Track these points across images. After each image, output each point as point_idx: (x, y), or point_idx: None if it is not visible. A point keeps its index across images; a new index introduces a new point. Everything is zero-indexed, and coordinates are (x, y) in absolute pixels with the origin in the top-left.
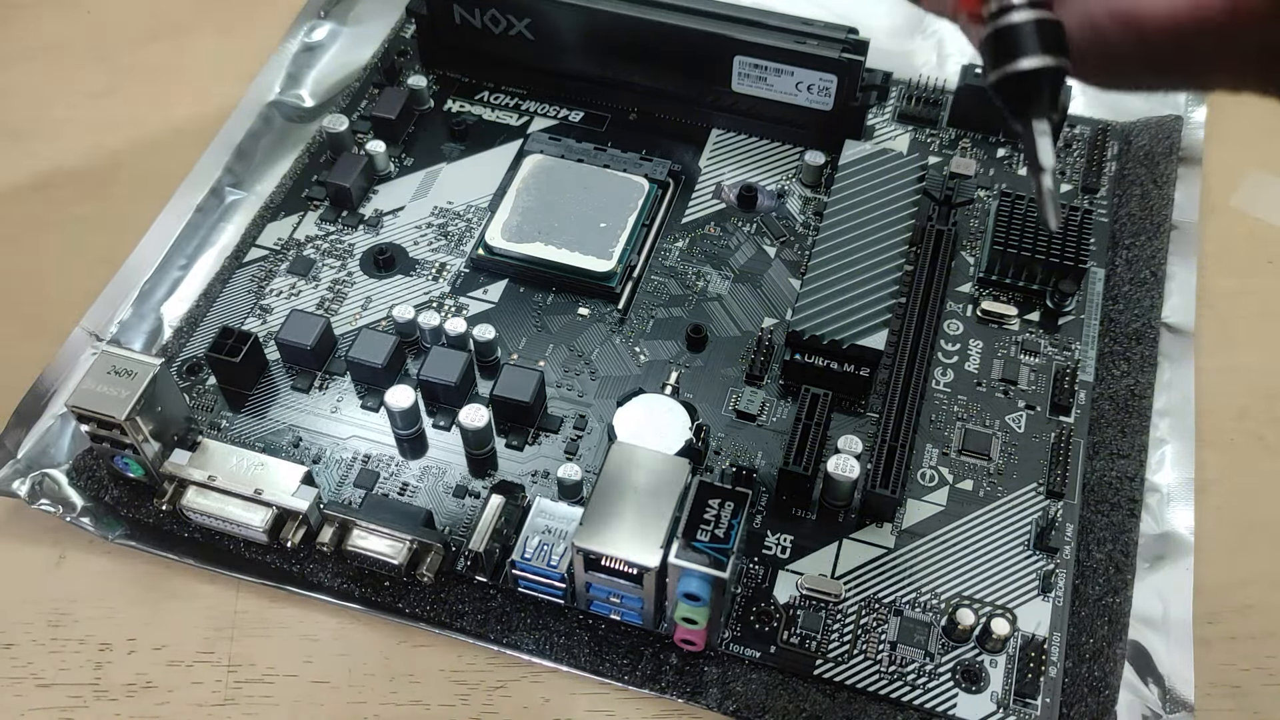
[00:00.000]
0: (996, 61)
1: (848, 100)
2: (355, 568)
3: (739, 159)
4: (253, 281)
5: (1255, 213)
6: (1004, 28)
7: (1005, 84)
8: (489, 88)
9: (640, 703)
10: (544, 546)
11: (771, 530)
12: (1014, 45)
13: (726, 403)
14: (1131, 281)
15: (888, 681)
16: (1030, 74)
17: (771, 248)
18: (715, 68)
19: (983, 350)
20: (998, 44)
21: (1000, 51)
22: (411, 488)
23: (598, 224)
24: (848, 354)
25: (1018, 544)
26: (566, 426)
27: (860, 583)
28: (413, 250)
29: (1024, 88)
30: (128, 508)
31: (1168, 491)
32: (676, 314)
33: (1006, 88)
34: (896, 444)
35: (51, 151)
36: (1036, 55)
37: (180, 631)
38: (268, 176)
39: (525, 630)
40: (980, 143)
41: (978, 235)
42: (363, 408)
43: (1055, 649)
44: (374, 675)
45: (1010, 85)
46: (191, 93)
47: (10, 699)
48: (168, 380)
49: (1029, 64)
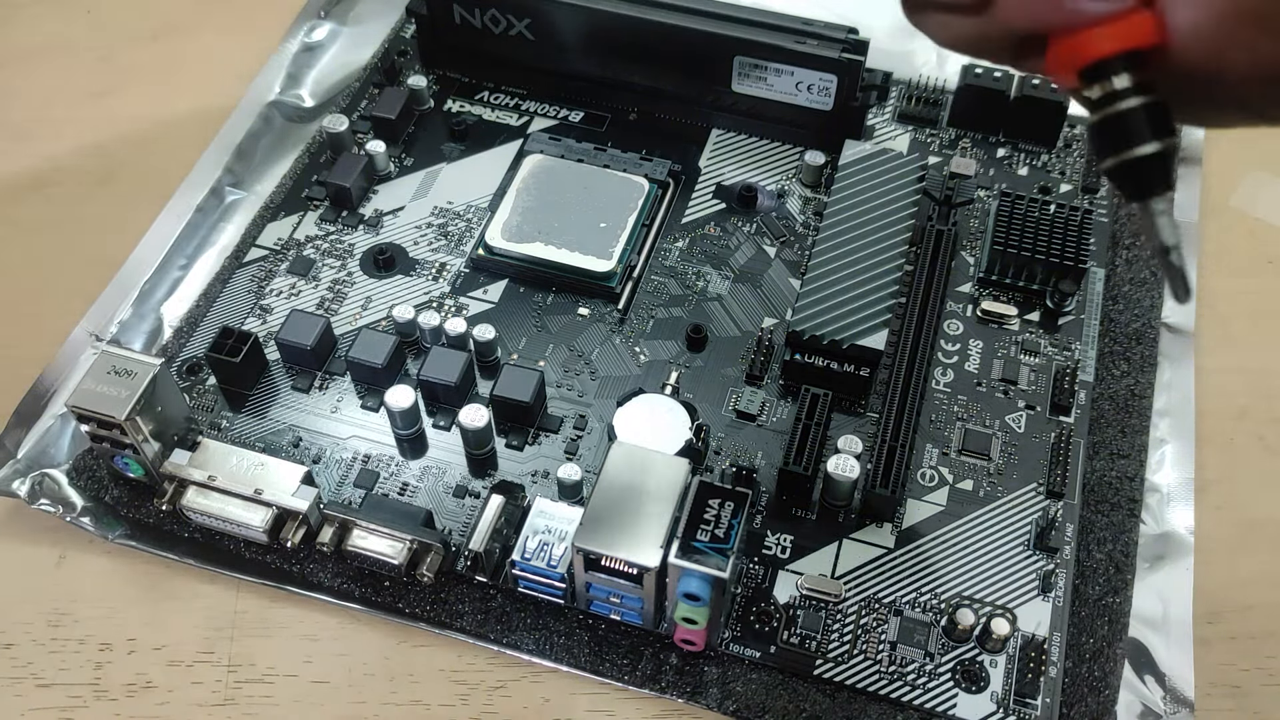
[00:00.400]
0: (1110, 149)
1: (848, 100)
2: (355, 568)
3: (739, 159)
4: (253, 281)
5: (1255, 213)
6: (1113, 115)
7: (1121, 172)
8: (489, 88)
9: (640, 703)
10: (544, 546)
11: (771, 530)
12: (1126, 133)
13: (726, 403)
14: (1131, 281)
15: (888, 681)
16: (1145, 160)
17: (771, 248)
18: (715, 68)
19: (983, 350)
20: (1108, 132)
21: (1112, 139)
22: (411, 488)
23: (598, 224)
24: (848, 354)
25: (1018, 544)
26: (566, 426)
27: (860, 583)
28: (413, 250)
29: (1140, 173)
30: (128, 508)
31: (1168, 491)
32: (676, 314)
33: (1123, 175)
34: (896, 444)
35: (51, 151)
36: (1150, 142)
37: (180, 631)
38: (268, 176)
39: (525, 630)
40: (980, 143)
41: (978, 235)
42: (363, 408)
43: (1055, 649)
44: (374, 675)
45: (1128, 172)
46: (191, 93)
47: (10, 699)
48: (168, 380)
49: (1144, 151)
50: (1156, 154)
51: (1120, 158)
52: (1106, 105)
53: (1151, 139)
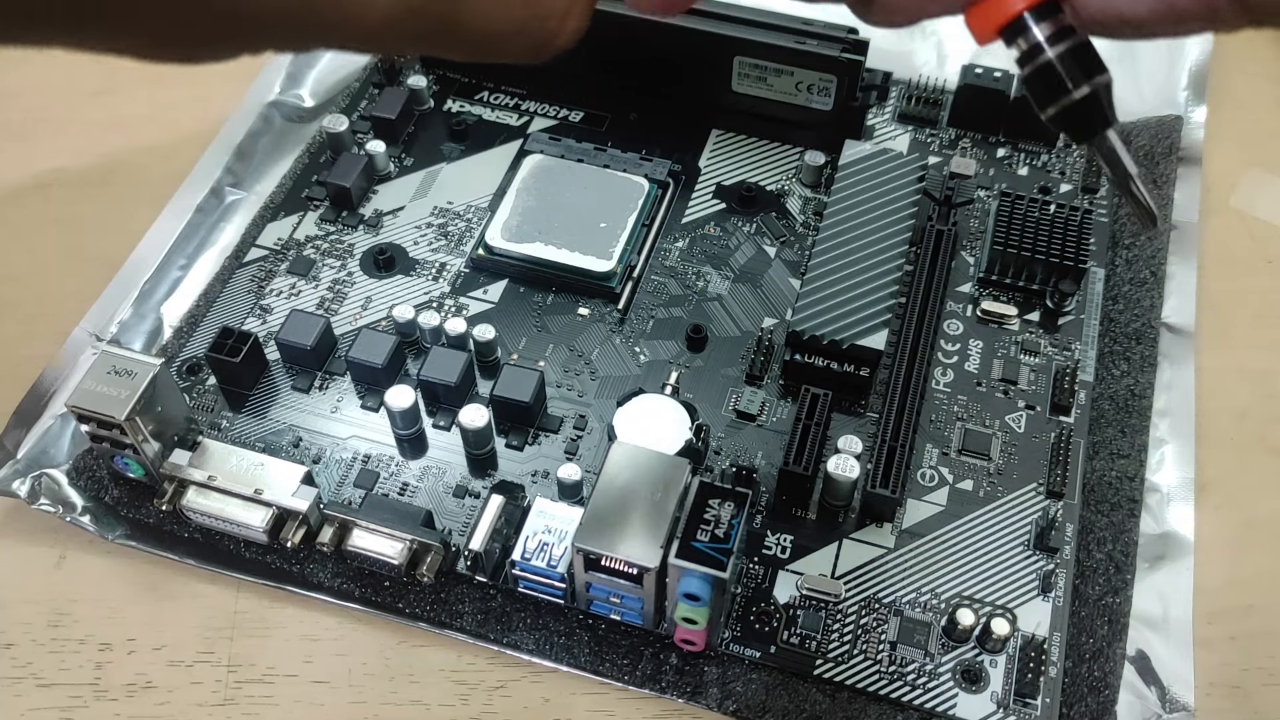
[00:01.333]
0: (1048, 99)
1: (848, 100)
2: (355, 568)
3: (739, 159)
4: (253, 281)
5: (1255, 213)
6: (1042, 66)
7: (1063, 117)
8: (489, 88)
9: (640, 703)
10: (544, 546)
11: (771, 530)
12: (1058, 80)
13: (726, 403)
14: (1131, 281)
15: (888, 681)
16: (1083, 101)
17: (771, 248)
18: (715, 68)
19: (983, 350)
20: (1041, 81)
21: (1047, 88)
22: (411, 488)
23: (598, 224)
24: (848, 354)
25: (1018, 544)
26: (566, 426)
27: (860, 583)
28: (413, 250)
29: (1082, 114)
30: (128, 508)
31: (1168, 491)
32: (676, 314)
33: (1065, 119)
34: (896, 444)
35: (51, 151)
36: (1083, 84)
37: (180, 631)
38: (268, 176)
39: (525, 630)
40: (980, 143)
41: (978, 235)
42: (363, 408)
43: (1055, 649)
44: (374, 675)
45: (1068, 116)
46: (191, 93)
47: (10, 699)
48: (168, 380)
49: (1080, 94)
50: (1091, 94)
51: (1059, 104)
52: (1034, 58)
53: (1084, 80)
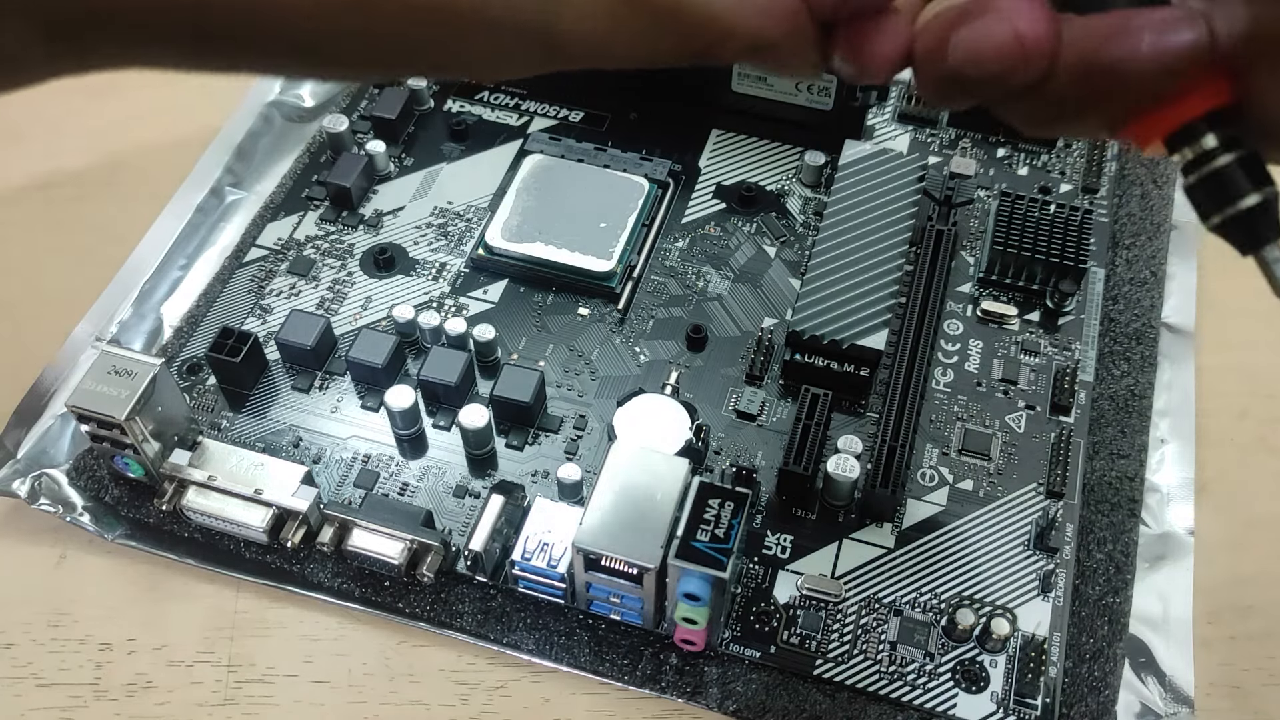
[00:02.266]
0: (1213, 208)
1: (848, 100)
2: (355, 568)
3: (739, 159)
4: (253, 281)
5: None
6: (1209, 175)
7: (1229, 227)
8: (489, 87)
9: (640, 703)
10: (544, 546)
11: (771, 530)
12: (1225, 190)
13: (726, 403)
14: (1131, 281)
15: (888, 681)
16: (1250, 211)
17: (771, 248)
18: (715, 68)
19: (983, 350)
20: (1208, 191)
21: (1213, 198)
22: (411, 488)
23: (598, 224)
24: (848, 354)
25: (1018, 544)
26: (566, 426)
27: (860, 583)
28: (413, 250)
29: (1248, 225)
30: (128, 508)
31: (1168, 491)
32: (676, 314)
33: (1231, 229)
34: (896, 444)
35: (51, 151)
36: (1250, 194)
37: (180, 631)
38: (268, 176)
39: (525, 630)
40: (980, 143)
41: (978, 235)
42: (363, 408)
43: (1055, 649)
44: (374, 675)
45: (1234, 227)
46: (191, 92)
47: (10, 699)
48: (168, 380)
49: (1247, 204)
50: (1259, 204)
51: (1225, 214)
52: (1200, 166)
53: (1252, 190)
